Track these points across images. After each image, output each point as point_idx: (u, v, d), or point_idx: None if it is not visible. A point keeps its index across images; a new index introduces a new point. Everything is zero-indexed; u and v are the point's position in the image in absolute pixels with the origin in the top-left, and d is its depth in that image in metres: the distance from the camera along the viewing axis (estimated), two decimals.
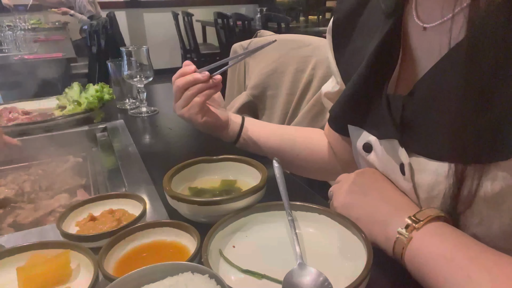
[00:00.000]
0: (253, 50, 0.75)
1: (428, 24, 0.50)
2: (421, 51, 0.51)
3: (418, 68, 0.51)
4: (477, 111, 0.40)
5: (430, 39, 0.50)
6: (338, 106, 0.60)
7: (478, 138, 0.40)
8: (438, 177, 0.46)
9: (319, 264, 0.45)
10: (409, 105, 0.49)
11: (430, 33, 0.50)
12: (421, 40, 0.51)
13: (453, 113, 0.42)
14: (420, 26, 0.51)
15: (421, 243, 0.43)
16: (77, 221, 0.55)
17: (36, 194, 0.81)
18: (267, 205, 0.54)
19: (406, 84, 0.52)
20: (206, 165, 0.66)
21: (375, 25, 0.58)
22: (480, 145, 0.41)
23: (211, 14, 4.26)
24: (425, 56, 0.51)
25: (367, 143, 0.56)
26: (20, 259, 0.46)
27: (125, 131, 1.00)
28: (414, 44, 0.52)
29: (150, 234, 0.50)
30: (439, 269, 0.40)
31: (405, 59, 0.53)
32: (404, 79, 0.53)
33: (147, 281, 0.37)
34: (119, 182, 0.75)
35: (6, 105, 1.16)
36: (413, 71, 0.52)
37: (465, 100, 0.41)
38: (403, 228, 0.44)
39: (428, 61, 0.49)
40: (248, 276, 0.46)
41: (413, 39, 0.53)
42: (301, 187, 0.71)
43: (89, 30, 3.14)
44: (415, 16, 0.52)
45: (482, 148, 0.41)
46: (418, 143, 0.48)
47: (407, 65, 0.53)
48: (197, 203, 0.53)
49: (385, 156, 0.53)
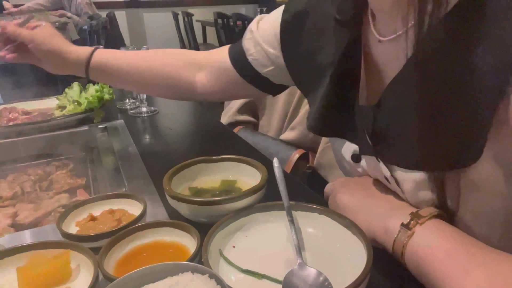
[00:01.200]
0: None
1: (384, 38, 0.50)
2: (382, 61, 0.52)
3: (384, 77, 0.51)
4: (435, 121, 0.41)
5: (388, 51, 0.50)
6: (314, 121, 0.60)
7: (443, 146, 0.42)
8: (419, 185, 0.47)
9: (319, 264, 0.45)
10: (379, 115, 0.50)
11: (387, 46, 0.50)
12: (380, 51, 0.52)
13: (416, 123, 0.44)
14: (377, 38, 0.51)
15: (422, 238, 0.43)
16: (77, 221, 0.55)
17: (36, 194, 0.81)
18: (267, 205, 0.55)
19: (375, 93, 0.52)
20: (206, 165, 0.66)
21: (327, 30, 0.59)
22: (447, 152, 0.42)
23: (211, 14, 4.26)
24: (387, 67, 0.51)
25: (354, 153, 0.57)
26: (20, 259, 0.46)
27: (125, 131, 1.00)
28: (374, 55, 0.53)
29: (150, 234, 0.50)
30: (438, 264, 0.40)
31: (370, 69, 0.54)
32: (373, 88, 0.54)
33: (147, 281, 0.37)
34: (119, 182, 0.75)
35: (6, 105, 1.16)
36: (380, 80, 0.52)
37: (423, 112, 0.42)
38: (406, 223, 0.44)
39: (390, 71, 0.49)
40: (248, 276, 0.46)
41: (373, 49, 0.53)
42: (301, 187, 0.71)
43: (89, 30, 3.14)
44: (372, 27, 0.52)
45: (450, 156, 0.42)
46: (392, 153, 0.49)
47: (373, 74, 0.54)
48: (197, 203, 0.53)
49: (370, 167, 0.55)
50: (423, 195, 0.47)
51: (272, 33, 0.68)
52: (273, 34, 0.68)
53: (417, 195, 0.47)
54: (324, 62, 0.58)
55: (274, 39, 0.68)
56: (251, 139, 1.12)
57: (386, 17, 0.49)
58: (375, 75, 0.53)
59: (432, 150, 0.43)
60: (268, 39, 0.69)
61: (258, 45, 0.70)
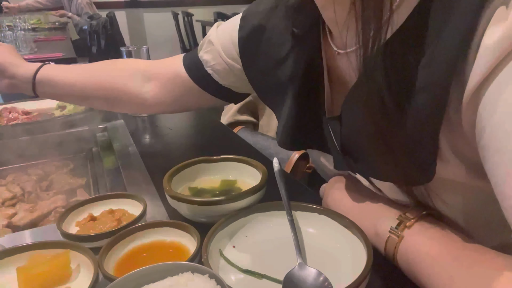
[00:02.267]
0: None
1: (340, 50, 0.50)
2: (344, 72, 0.52)
3: (345, 89, 0.51)
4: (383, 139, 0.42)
5: (346, 62, 0.50)
6: (283, 137, 0.60)
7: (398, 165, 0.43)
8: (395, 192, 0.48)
9: (319, 264, 0.45)
10: (342, 128, 0.50)
11: (345, 58, 0.50)
12: (340, 63, 0.52)
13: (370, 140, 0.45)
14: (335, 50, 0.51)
15: (410, 242, 0.43)
16: (77, 221, 0.55)
17: (36, 194, 0.81)
18: (267, 205, 0.55)
19: (339, 105, 0.52)
20: (206, 165, 0.65)
21: (283, 44, 0.58)
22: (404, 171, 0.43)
23: (211, 14, 4.27)
24: (346, 78, 0.52)
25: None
26: (20, 259, 0.46)
27: (125, 131, 1.00)
28: (337, 66, 0.53)
29: (150, 234, 0.50)
30: (425, 269, 0.41)
31: (334, 80, 0.54)
32: (337, 99, 0.54)
33: (147, 281, 0.37)
34: (119, 182, 0.75)
35: (6, 105, 1.16)
36: (341, 91, 0.52)
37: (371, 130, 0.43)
38: (394, 227, 0.45)
39: (349, 82, 0.50)
40: (248, 276, 0.46)
41: (333, 60, 0.53)
42: (301, 187, 0.71)
43: (89, 30, 3.14)
44: (329, 40, 0.52)
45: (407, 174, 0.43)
46: (361, 166, 0.50)
47: (337, 85, 0.54)
48: (197, 203, 0.53)
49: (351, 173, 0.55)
50: (401, 198, 0.48)
51: (231, 46, 0.67)
52: (232, 46, 0.67)
53: (396, 198, 0.49)
54: (285, 76, 0.58)
55: (234, 51, 0.66)
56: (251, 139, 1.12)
57: (339, 33, 0.49)
58: (339, 86, 0.53)
59: (391, 167, 0.44)
60: (228, 51, 0.67)
61: (219, 57, 0.68)
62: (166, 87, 0.75)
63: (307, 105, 0.56)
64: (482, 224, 0.46)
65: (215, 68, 0.69)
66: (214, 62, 0.69)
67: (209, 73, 0.70)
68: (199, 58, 0.71)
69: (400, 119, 0.40)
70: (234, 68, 0.68)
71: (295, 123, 0.58)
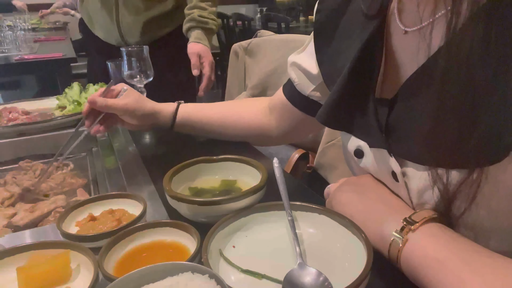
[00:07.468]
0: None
1: (409, 28, 0.49)
2: (404, 54, 0.51)
3: (402, 72, 0.50)
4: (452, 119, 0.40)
5: (411, 43, 0.49)
6: (325, 111, 0.59)
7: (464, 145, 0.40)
8: (425, 182, 0.46)
9: (319, 264, 0.45)
10: (394, 109, 0.49)
11: (411, 37, 0.49)
12: (403, 44, 0.51)
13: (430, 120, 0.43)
14: (401, 29, 0.50)
15: (415, 245, 0.42)
16: (77, 221, 0.55)
17: (36, 194, 0.81)
18: (267, 205, 0.54)
19: (391, 87, 0.52)
20: (206, 165, 0.66)
21: (356, 27, 0.58)
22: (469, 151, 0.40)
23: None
24: (407, 60, 0.50)
25: (358, 148, 0.56)
26: (20, 259, 0.46)
27: (125, 131, 1.00)
28: (396, 47, 0.52)
29: (150, 234, 0.50)
30: (433, 272, 0.40)
31: (389, 62, 0.53)
32: (389, 82, 0.53)
33: (147, 281, 0.37)
34: (119, 182, 0.75)
35: (6, 105, 1.16)
36: (397, 74, 0.51)
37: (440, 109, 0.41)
38: (399, 230, 0.44)
39: (410, 65, 0.49)
40: (248, 276, 0.46)
41: (395, 41, 0.52)
42: (301, 187, 0.71)
43: None
44: (397, 19, 0.51)
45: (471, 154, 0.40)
46: (402, 146, 0.48)
47: (391, 67, 0.53)
48: (197, 203, 0.53)
49: (377, 162, 0.53)
50: (428, 196, 0.46)
51: (309, 52, 0.69)
52: (309, 52, 0.68)
53: (423, 195, 0.47)
54: (349, 59, 0.56)
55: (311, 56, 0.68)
56: None
57: (414, 5, 0.48)
58: (394, 68, 0.52)
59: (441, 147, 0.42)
60: (305, 59, 0.70)
61: (299, 69, 0.71)
62: (280, 117, 0.80)
63: (357, 84, 0.54)
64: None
65: (297, 81, 0.72)
66: (295, 75, 0.72)
67: (296, 88, 0.73)
68: (291, 79, 0.74)
69: (491, 94, 0.38)
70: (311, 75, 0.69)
71: (341, 101, 0.56)
